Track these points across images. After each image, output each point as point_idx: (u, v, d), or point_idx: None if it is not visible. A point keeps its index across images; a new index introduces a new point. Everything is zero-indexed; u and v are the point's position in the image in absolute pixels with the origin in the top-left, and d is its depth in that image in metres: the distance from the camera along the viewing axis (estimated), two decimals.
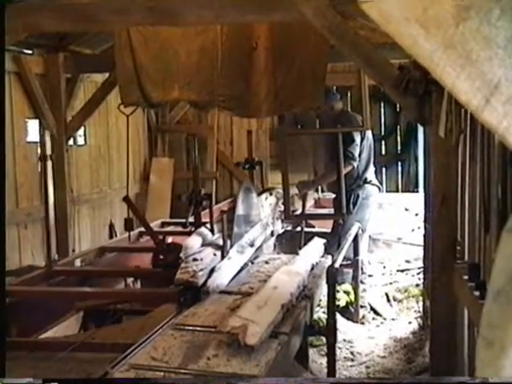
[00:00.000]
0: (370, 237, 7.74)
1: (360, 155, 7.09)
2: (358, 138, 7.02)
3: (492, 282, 1.29)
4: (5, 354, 2.45)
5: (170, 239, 6.34)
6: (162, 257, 5.56)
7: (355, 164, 6.94)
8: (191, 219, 5.95)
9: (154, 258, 5.68)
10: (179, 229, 6.78)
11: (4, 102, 5.50)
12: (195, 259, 4.80)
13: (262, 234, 6.03)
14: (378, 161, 8.24)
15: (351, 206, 7.05)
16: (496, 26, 1.15)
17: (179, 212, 9.59)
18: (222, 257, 5.05)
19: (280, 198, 7.18)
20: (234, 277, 5.20)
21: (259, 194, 6.69)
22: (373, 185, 7.27)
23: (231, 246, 5.20)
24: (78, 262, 6.73)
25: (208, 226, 5.56)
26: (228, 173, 11.40)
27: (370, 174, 7.28)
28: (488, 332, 1.21)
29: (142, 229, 6.81)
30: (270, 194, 7.06)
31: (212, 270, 4.73)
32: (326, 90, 6.83)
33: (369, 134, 7.21)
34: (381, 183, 8.06)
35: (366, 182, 7.21)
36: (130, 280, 6.27)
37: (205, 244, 5.17)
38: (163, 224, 8.09)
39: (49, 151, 6.63)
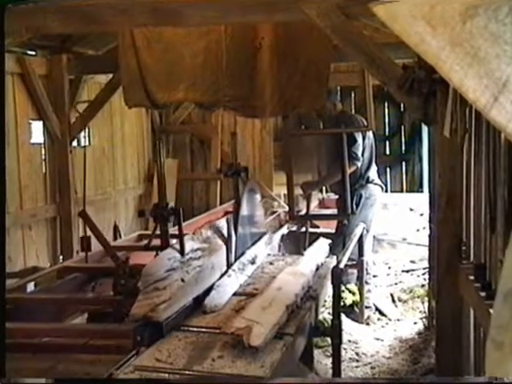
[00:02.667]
0: (374, 237, 7.71)
1: (362, 155, 7.07)
2: (359, 138, 7.00)
3: (501, 284, 1.27)
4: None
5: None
6: (123, 282, 4.51)
7: (359, 164, 6.93)
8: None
9: (114, 283, 4.60)
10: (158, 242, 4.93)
11: (4, 104, 5.52)
12: (157, 288, 4.04)
13: (264, 250, 5.98)
14: (382, 161, 8.23)
15: (354, 206, 7.03)
16: (504, 23, 1.14)
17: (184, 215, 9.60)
18: (227, 262, 5.02)
19: (269, 208, 7.18)
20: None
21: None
22: (375, 184, 7.25)
23: (236, 248, 5.18)
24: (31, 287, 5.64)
25: (177, 246, 4.61)
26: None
27: (373, 174, 7.25)
28: (497, 334, 1.20)
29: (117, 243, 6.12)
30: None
31: (210, 288, 4.61)
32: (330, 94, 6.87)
33: (369, 133, 7.18)
34: (385, 183, 8.05)
35: (368, 181, 7.18)
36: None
37: (170, 269, 4.31)
38: (140, 237, 7.22)
39: None
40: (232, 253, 5.11)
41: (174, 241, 4.79)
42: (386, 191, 8.94)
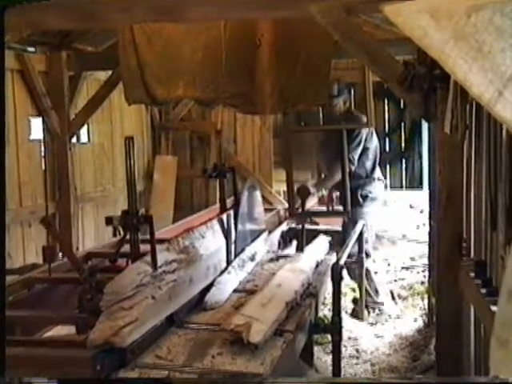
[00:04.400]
0: (375, 234, 7.70)
1: (362, 158, 7.05)
2: (360, 146, 6.98)
3: (504, 282, 1.26)
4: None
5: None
6: (89, 297, 3.87)
7: (353, 168, 6.92)
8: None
9: (79, 298, 3.95)
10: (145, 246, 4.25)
11: (4, 101, 5.50)
12: (122, 308, 3.48)
13: (264, 247, 5.97)
14: (382, 157, 8.20)
15: (361, 202, 7.04)
16: (510, 17, 1.12)
17: (184, 212, 9.61)
18: (227, 259, 5.00)
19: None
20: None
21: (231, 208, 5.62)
22: (379, 180, 7.26)
23: (235, 245, 5.16)
24: None
25: (148, 258, 3.96)
26: (231, 171, 11.38)
27: (377, 172, 7.27)
28: (502, 332, 1.18)
29: (89, 248, 5.55)
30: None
31: (211, 285, 4.59)
32: (338, 86, 6.83)
33: (374, 137, 7.16)
34: (385, 180, 8.04)
35: (375, 178, 7.21)
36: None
37: (140, 285, 3.70)
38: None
39: None
40: (232, 249, 5.10)
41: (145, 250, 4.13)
42: (386, 188, 8.92)
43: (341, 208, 6.75)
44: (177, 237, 4.55)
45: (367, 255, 7.09)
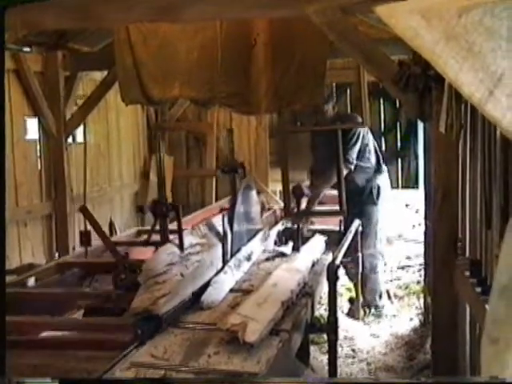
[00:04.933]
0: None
1: (365, 154, 7.08)
2: (357, 145, 7.01)
3: (496, 279, 1.27)
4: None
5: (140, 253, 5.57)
6: (123, 276, 4.58)
7: (352, 167, 6.95)
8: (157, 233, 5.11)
9: (114, 277, 4.65)
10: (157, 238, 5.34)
11: (3, 102, 5.53)
12: (157, 282, 4.13)
13: (261, 247, 5.98)
14: None
15: (374, 198, 7.09)
16: (500, 18, 1.13)
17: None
18: (223, 259, 5.01)
19: (265, 204, 7.17)
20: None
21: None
22: (385, 172, 7.34)
23: (232, 244, 5.17)
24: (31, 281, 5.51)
25: (176, 241, 4.85)
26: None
27: (382, 164, 7.33)
28: (493, 329, 1.20)
29: (116, 239, 6.17)
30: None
31: (207, 285, 4.61)
32: (328, 91, 6.88)
33: (369, 134, 7.20)
34: None
35: (382, 172, 7.34)
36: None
37: (170, 264, 4.49)
38: (139, 233, 7.12)
39: None
40: (228, 249, 5.11)
41: (172, 236, 5.00)
42: None
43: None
44: (197, 224, 5.41)
45: (381, 256, 7.15)
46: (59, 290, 5.04)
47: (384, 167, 7.31)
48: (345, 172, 6.71)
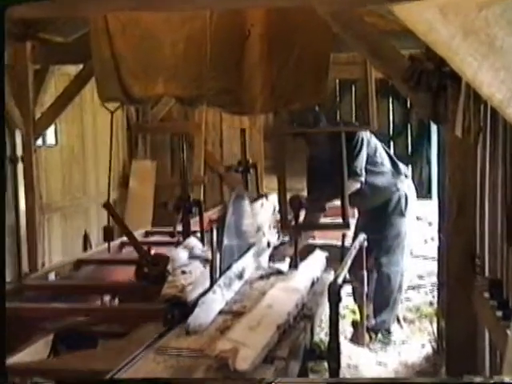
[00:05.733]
0: None
1: (377, 159, 7.09)
2: (363, 151, 7.00)
3: None
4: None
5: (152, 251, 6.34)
6: (146, 270, 5.58)
7: (362, 179, 6.93)
8: (179, 228, 6.14)
9: (137, 271, 5.66)
10: (166, 238, 6.94)
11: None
12: (184, 272, 4.87)
13: (254, 263, 5.99)
14: None
15: (402, 208, 7.09)
16: None
17: (163, 220, 9.59)
18: (211, 277, 5.01)
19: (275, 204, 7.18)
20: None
21: (255, 200, 6.72)
22: (406, 176, 7.34)
23: (221, 262, 5.17)
24: (51, 277, 6.83)
25: (198, 235, 5.78)
26: (217, 177, 11.38)
27: (401, 166, 7.33)
28: None
29: (123, 239, 6.90)
30: (267, 200, 7.08)
31: (194, 306, 4.62)
32: (313, 113, 6.89)
33: (371, 137, 7.20)
34: None
35: (405, 176, 7.38)
36: (106, 298, 6.26)
37: (193, 256, 5.33)
38: (147, 233, 8.14)
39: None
40: (217, 266, 5.10)
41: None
42: None
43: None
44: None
45: (402, 275, 7.17)
46: (83, 282, 6.30)
47: (407, 171, 7.34)
48: (354, 187, 6.73)
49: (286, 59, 6.17)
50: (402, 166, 7.34)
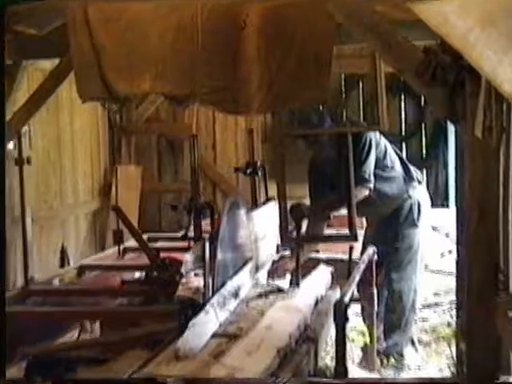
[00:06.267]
0: None
1: (386, 162, 7.08)
2: (372, 154, 6.98)
3: None
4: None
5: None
6: (156, 274, 6.09)
7: (371, 186, 6.89)
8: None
9: (147, 274, 6.21)
10: (172, 244, 7.58)
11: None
12: (196, 274, 5.23)
13: (251, 280, 6.00)
14: None
15: (414, 218, 7.08)
16: None
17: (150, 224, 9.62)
18: (204, 296, 5.02)
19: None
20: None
21: (263, 204, 6.95)
22: (420, 182, 7.34)
23: (213, 279, 5.18)
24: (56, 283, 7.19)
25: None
26: (210, 184, 11.39)
27: (414, 172, 7.33)
28: None
29: (127, 244, 7.58)
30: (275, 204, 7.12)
31: (185, 328, 4.63)
32: (319, 114, 6.91)
33: (380, 139, 7.19)
34: None
35: (419, 182, 7.34)
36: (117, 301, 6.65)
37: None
38: (149, 239, 8.21)
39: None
40: (210, 283, 5.11)
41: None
42: None
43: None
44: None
45: (415, 292, 7.16)
46: (92, 287, 6.91)
47: (420, 176, 7.34)
48: (363, 194, 6.72)
49: (285, 53, 6.15)
50: (414, 170, 7.33)
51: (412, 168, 7.33)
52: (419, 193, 7.24)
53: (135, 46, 6.35)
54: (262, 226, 6.44)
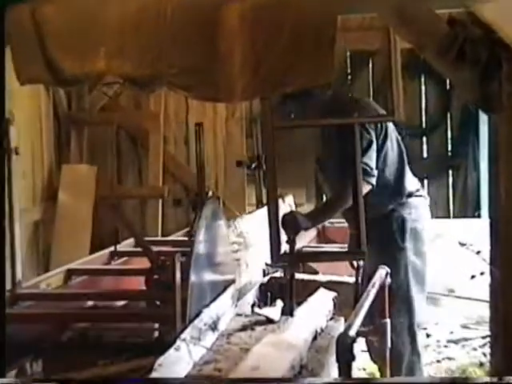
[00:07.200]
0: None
1: (384, 159, 7.06)
2: (373, 139, 6.97)
3: None
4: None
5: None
6: (157, 276, 6.16)
7: (373, 181, 6.87)
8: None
9: (147, 278, 6.32)
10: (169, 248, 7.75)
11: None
12: None
13: (233, 308, 6.01)
14: (416, 168, 8.21)
15: (398, 238, 7.05)
16: None
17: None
18: (174, 328, 5.02)
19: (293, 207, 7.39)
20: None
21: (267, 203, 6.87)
22: (419, 196, 7.28)
23: (186, 307, 5.18)
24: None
25: None
26: (182, 188, 11.37)
27: (411, 182, 7.28)
28: None
29: (113, 248, 8.06)
30: (283, 202, 7.16)
31: (150, 369, 4.63)
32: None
33: (389, 124, 7.19)
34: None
35: (408, 194, 7.21)
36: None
37: None
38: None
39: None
40: (178, 313, 5.13)
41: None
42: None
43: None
44: (234, 221, 7.37)
45: (418, 326, 7.14)
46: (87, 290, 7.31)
47: (413, 187, 7.28)
48: (365, 189, 6.70)
49: (276, 26, 6.12)
50: (408, 181, 7.28)
51: (408, 177, 7.28)
52: (412, 208, 7.19)
53: (87, 18, 6.34)
54: (250, 239, 6.52)
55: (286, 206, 7.42)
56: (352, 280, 6.44)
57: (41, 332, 6.45)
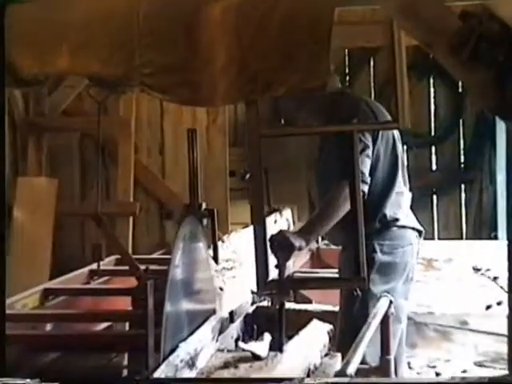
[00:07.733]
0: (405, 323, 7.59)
1: (373, 169, 7.04)
2: (369, 144, 6.95)
3: None
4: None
5: None
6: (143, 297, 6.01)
7: (366, 189, 6.79)
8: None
9: (134, 299, 6.63)
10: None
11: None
12: None
13: (213, 343, 6.02)
14: (423, 182, 8.22)
15: (363, 271, 6.94)
16: None
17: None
18: (146, 366, 5.03)
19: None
20: None
21: (267, 215, 7.04)
22: (404, 228, 7.16)
23: (160, 341, 5.19)
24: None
25: (210, 252, 6.76)
26: (156, 204, 11.37)
27: (398, 207, 7.18)
28: None
29: (93, 267, 8.28)
30: (280, 216, 7.19)
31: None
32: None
33: (387, 136, 7.18)
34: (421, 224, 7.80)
35: (390, 223, 7.10)
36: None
37: None
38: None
39: None
40: (151, 348, 5.14)
41: None
42: (431, 238, 8.90)
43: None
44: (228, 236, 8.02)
45: (395, 361, 7.13)
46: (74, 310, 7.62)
47: (385, 215, 7.18)
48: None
49: (265, 18, 6.13)
50: (394, 204, 7.18)
51: (397, 200, 7.20)
52: (389, 237, 7.11)
53: (52, 11, 6.35)
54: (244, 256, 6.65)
55: (283, 220, 7.44)
56: None
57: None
